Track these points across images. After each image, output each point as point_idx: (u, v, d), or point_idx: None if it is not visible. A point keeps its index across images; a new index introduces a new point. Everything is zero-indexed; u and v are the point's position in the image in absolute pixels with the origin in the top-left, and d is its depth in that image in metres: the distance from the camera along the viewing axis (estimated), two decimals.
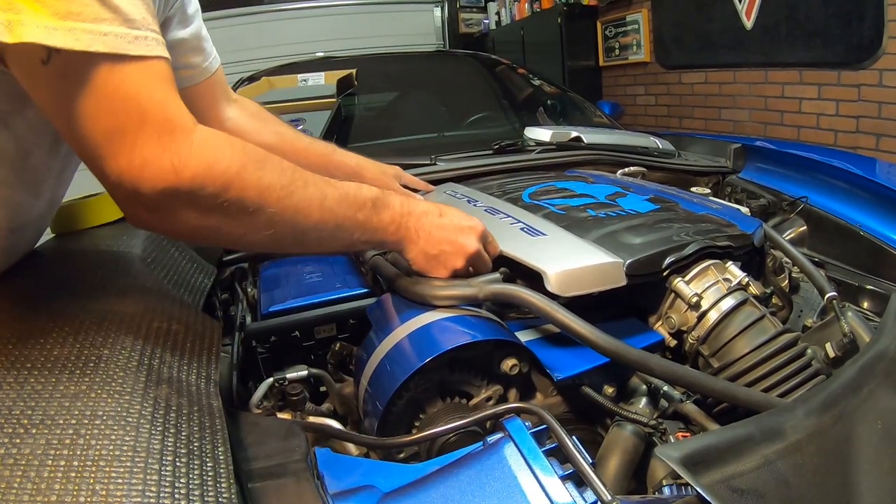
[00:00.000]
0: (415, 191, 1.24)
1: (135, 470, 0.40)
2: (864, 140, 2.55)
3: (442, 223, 0.77)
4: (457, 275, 0.78)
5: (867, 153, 2.46)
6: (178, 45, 0.92)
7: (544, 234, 0.88)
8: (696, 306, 0.80)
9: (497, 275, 0.80)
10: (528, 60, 4.46)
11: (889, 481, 0.56)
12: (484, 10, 5.66)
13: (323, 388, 0.87)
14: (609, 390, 0.74)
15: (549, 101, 2.28)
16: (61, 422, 0.44)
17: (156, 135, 0.53)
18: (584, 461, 0.51)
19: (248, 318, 0.91)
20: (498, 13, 5.37)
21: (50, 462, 0.40)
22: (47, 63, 0.49)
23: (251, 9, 4.83)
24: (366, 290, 0.93)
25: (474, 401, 0.73)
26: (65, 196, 0.85)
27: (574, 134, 1.58)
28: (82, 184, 0.84)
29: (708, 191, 1.40)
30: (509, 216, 0.97)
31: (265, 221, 0.61)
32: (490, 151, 1.51)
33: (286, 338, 0.87)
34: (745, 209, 1.19)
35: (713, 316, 0.79)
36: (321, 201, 0.65)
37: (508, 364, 0.72)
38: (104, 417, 0.45)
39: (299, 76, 2.12)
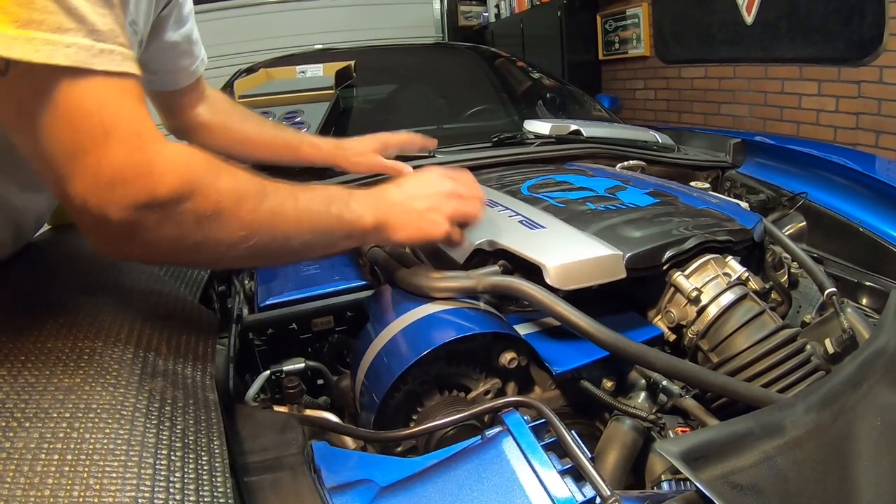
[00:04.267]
0: (405, 159, 1.23)
1: (129, 464, 0.40)
2: (864, 137, 2.55)
3: (407, 191, 0.76)
4: (454, 219, 0.77)
5: (867, 150, 2.46)
6: (172, 48, 0.91)
7: (543, 227, 0.87)
8: (696, 301, 0.80)
9: (496, 267, 0.80)
10: (528, 54, 4.44)
11: (888, 477, 0.56)
12: (483, 2, 5.63)
13: (320, 381, 0.86)
14: (608, 384, 0.74)
15: (548, 95, 2.27)
16: (55, 415, 0.43)
17: (123, 152, 0.49)
18: (583, 456, 0.50)
19: (245, 311, 0.91)
20: (497, 6, 5.34)
21: (43, 456, 0.40)
22: (5, 74, 0.46)
23: (250, 0, 4.80)
24: (363, 283, 0.92)
25: (472, 394, 0.73)
26: None
27: (573, 127, 1.57)
28: None
29: (707, 185, 1.39)
30: (508, 209, 0.96)
31: (243, 232, 0.58)
32: (489, 144, 1.50)
33: (283, 330, 0.87)
34: (744, 204, 1.18)
35: (713, 310, 0.79)
36: (294, 203, 0.63)
37: (507, 357, 0.72)
38: (98, 410, 0.44)
39: (297, 68, 2.10)
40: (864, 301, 1.02)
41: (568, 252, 0.79)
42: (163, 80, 0.97)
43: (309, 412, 0.77)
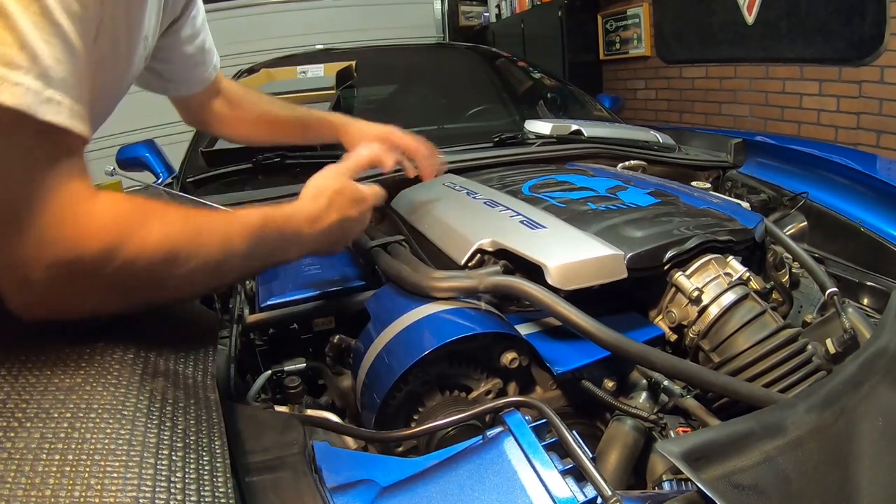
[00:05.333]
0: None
1: (130, 464, 0.40)
2: (865, 137, 2.55)
3: (318, 228, 0.73)
4: (359, 218, 0.79)
5: (868, 150, 2.46)
6: (186, 59, 0.92)
7: (544, 227, 0.87)
8: (697, 301, 0.80)
9: (497, 267, 0.80)
10: (528, 54, 4.43)
11: (889, 478, 0.55)
12: (484, 2, 5.63)
13: (321, 381, 0.86)
14: (609, 384, 0.74)
15: (549, 95, 2.26)
16: (56, 415, 0.43)
17: (51, 210, 0.45)
18: (584, 456, 0.50)
19: (247, 311, 0.91)
20: (498, 6, 5.34)
21: (44, 456, 0.39)
22: None
23: (251, 0, 4.80)
24: (364, 283, 0.92)
25: (473, 394, 0.73)
26: None
27: (574, 127, 1.57)
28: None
29: (708, 185, 1.39)
30: (509, 209, 0.96)
31: (175, 280, 0.55)
32: (490, 144, 1.50)
33: (284, 330, 0.87)
34: (745, 204, 1.18)
35: (714, 310, 0.79)
36: (227, 242, 0.59)
37: (508, 357, 0.72)
38: (99, 410, 0.44)
39: (298, 68, 2.10)
40: (866, 301, 1.02)
41: (569, 252, 0.79)
42: (178, 88, 0.98)
43: (310, 412, 0.77)
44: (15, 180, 0.44)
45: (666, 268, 0.82)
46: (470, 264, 0.86)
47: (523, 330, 0.77)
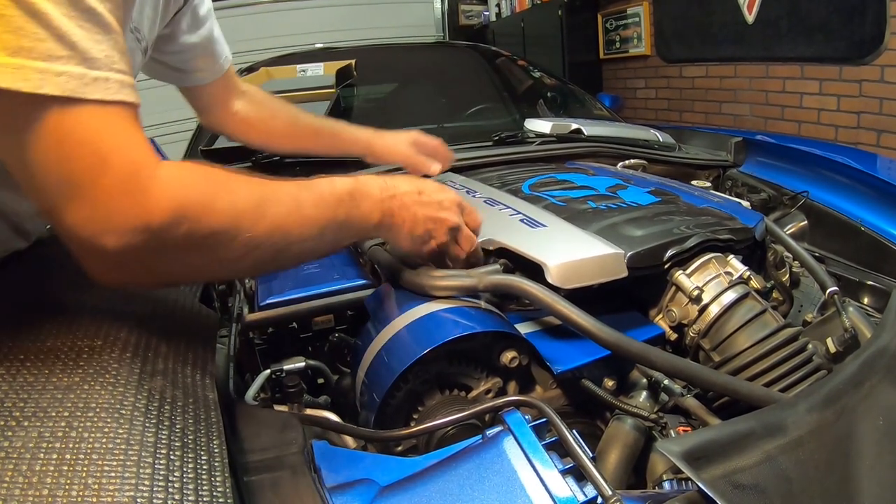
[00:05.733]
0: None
1: (128, 463, 0.40)
2: (865, 136, 2.54)
3: (422, 200, 0.75)
4: (441, 250, 0.77)
5: (868, 149, 2.45)
6: (190, 49, 0.91)
7: (544, 226, 0.87)
8: (698, 300, 0.79)
9: (497, 266, 0.79)
10: (528, 53, 4.43)
11: (890, 477, 0.55)
12: (484, 1, 5.63)
13: (321, 381, 0.86)
14: (609, 383, 0.73)
15: (549, 94, 2.26)
16: (54, 414, 0.43)
17: (118, 181, 0.48)
18: (584, 455, 0.50)
19: (246, 310, 0.91)
20: (498, 5, 5.33)
21: (42, 455, 0.39)
22: None
23: None
24: (364, 282, 0.92)
25: (473, 393, 0.73)
26: None
27: (574, 126, 1.57)
28: None
29: (708, 184, 1.39)
30: (509, 207, 0.96)
31: (246, 248, 0.56)
32: (490, 143, 1.50)
33: (284, 329, 0.86)
34: (745, 203, 1.18)
35: (714, 309, 0.78)
36: (298, 211, 0.61)
37: (508, 356, 0.71)
38: (97, 409, 0.44)
39: (298, 67, 2.10)
40: (866, 300, 1.02)
41: (569, 251, 0.79)
42: (188, 78, 0.98)
43: (309, 411, 0.77)
44: (81, 159, 0.47)
45: (666, 266, 0.82)
46: None
47: (523, 329, 0.76)
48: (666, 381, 0.72)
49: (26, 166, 0.47)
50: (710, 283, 0.80)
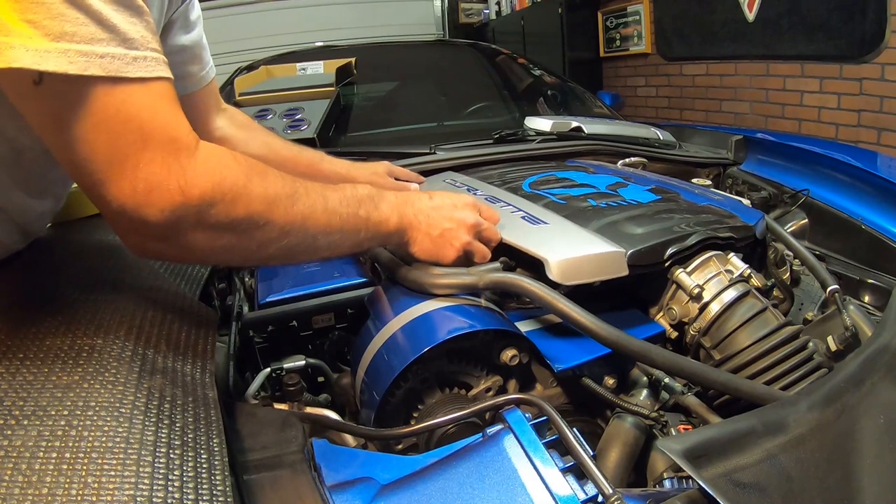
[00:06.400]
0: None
1: (127, 462, 0.40)
2: (866, 134, 2.54)
3: (436, 204, 0.77)
4: (466, 251, 0.77)
5: (868, 147, 2.46)
6: (179, 51, 0.91)
7: (545, 223, 0.87)
8: (698, 298, 0.79)
9: (497, 263, 0.79)
10: (529, 51, 4.43)
11: (891, 476, 0.55)
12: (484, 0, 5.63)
13: (321, 379, 0.86)
14: (610, 382, 0.73)
15: (549, 92, 2.26)
16: (53, 413, 0.43)
17: (160, 156, 0.50)
18: (584, 454, 0.50)
19: (246, 308, 0.91)
20: (498, 3, 5.33)
21: (41, 454, 0.39)
22: (39, 84, 0.47)
23: None
24: (364, 280, 0.92)
25: (473, 391, 0.72)
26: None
27: (574, 124, 1.56)
28: None
29: (709, 182, 1.39)
30: (510, 205, 0.96)
31: (276, 233, 0.59)
32: (490, 141, 1.49)
33: (283, 328, 0.86)
34: (746, 201, 1.18)
35: (715, 307, 0.78)
36: (324, 204, 0.64)
37: (508, 354, 0.71)
38: (97, 408, 0.44)
39: (298, 65, 2.10)
40: (867, 298, 1.02)
41: (570, 248, 0.78)
42: (175, 86, 0.97)
43: (309, 410, 0.77)
44: (126, 134, 0.50)
45: (667, 265, 0.82)
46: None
47: (523, 327, 0.76)
48: (666, 380, 0.72)
49: (72, 145, 0.49)
50: (711, 281, 0.80)
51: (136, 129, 0.50)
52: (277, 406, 0.76)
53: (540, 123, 1.57)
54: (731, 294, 0.78)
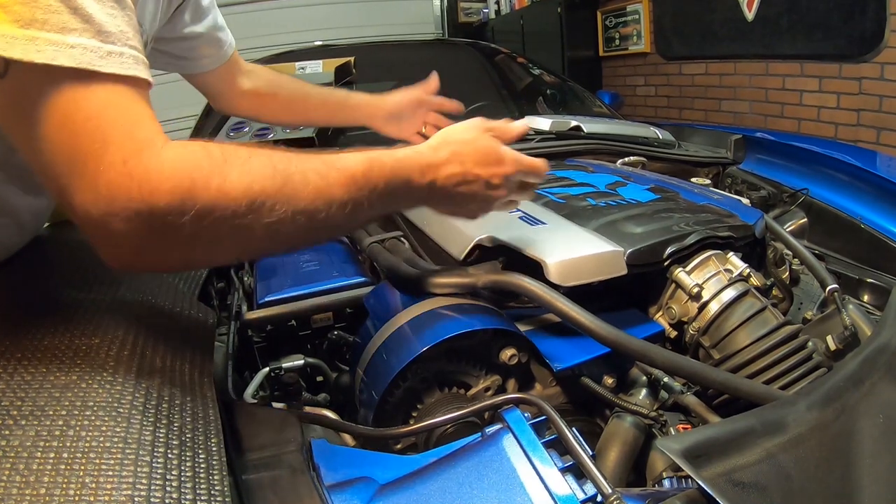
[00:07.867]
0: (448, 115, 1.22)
1: (125, 462, 0.40)
2: (865, 133, 2.54)
3: (463, 152, 0.68)
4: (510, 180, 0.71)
5: (868, 147, 2.45)
6: (195, 38, 0.92)
7: (544, 223, 0.87)
8: (697, 297, 0.79)
9: (496, 263, 0.79)
10: (528, 50, 4.43)
11: (891, 475, 0.55)
12: None
13: (319, 378, 0.86)
14: (609, 381, 0.73)
15: (548, 91, 2.26)
16: (51, 413, 0.43)
17: (120, 159, 0.45)
18: (584, 453, 0.50)
19: (244, 307, 0.90)
20: (497, 2, 5.32)
21: (39, 454, 0.39)
22: (4, 75, 0.43)
23: None
24: (363, 279, 0.92)
25: (472, 391, 0.72)
26: None
27: (574, 123, 1.56)
28: None
29: (708, 182, 1.39)
30: None
31: (263, 231, 0.51)
32: None
33: (282, 327, 0.86)
34: (745, 200, 1.18)
35: (714, 307, 0.78)
36: (325, 179, 0.55)
37: (507, 354, 0.71)
38: (95, 408, 0.44)
39: (297, 64, 2.09)
40: (866, 298, 1.02)
41: (568, 248, 0.78)
42: (193, 65, 0.98)
43: (308, 409, 0.77)
44: (86, 134, 0.45)
45: (666, 264, 0.82)
46: (468, 260, 0.86)
47: (522, 326, 0.76)
48: (666, 379, 0.72)
49: (35, 143, 0.45)
50: (710, 281, 0.80)
51: (96, 128, 0.45)
52: (276, 406, 0.76)
53: (539, 122, 1.56)
54: (730, 293, 0.78)
